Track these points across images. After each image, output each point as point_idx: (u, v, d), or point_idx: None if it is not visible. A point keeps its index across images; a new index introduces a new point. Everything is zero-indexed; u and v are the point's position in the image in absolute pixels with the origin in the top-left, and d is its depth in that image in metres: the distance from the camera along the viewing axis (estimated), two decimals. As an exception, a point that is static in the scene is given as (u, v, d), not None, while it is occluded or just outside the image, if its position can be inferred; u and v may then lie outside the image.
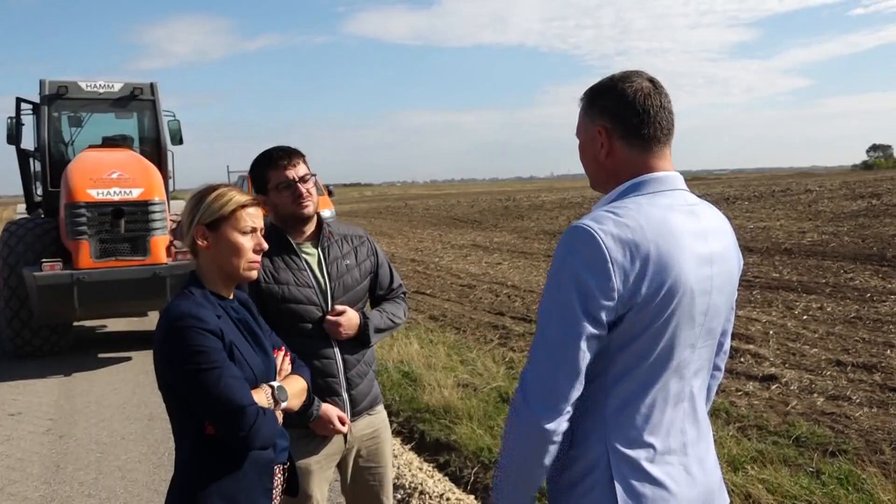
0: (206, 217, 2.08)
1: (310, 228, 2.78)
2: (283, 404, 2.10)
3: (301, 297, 2.67)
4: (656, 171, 1.70)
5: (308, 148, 2.77)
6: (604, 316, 1.53)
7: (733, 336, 7.59)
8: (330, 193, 21.48)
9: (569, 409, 1.55)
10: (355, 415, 2.79)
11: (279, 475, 2.20)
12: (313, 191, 2.74)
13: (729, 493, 3.88)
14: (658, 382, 1.63)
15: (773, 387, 6.14)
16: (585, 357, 1.54)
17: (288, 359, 2.31)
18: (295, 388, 2.21)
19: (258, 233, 2.14)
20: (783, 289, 10.44)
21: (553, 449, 1.57)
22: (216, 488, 1.98)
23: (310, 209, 2.71)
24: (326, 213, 19.50)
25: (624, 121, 1.68)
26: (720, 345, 1.89)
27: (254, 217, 2.13)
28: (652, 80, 1.72)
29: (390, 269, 3.01)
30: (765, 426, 5.15)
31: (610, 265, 1.52)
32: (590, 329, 1.53)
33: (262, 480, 2.07)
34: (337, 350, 2.73)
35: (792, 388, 6.09)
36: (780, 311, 9.02)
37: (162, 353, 1.99)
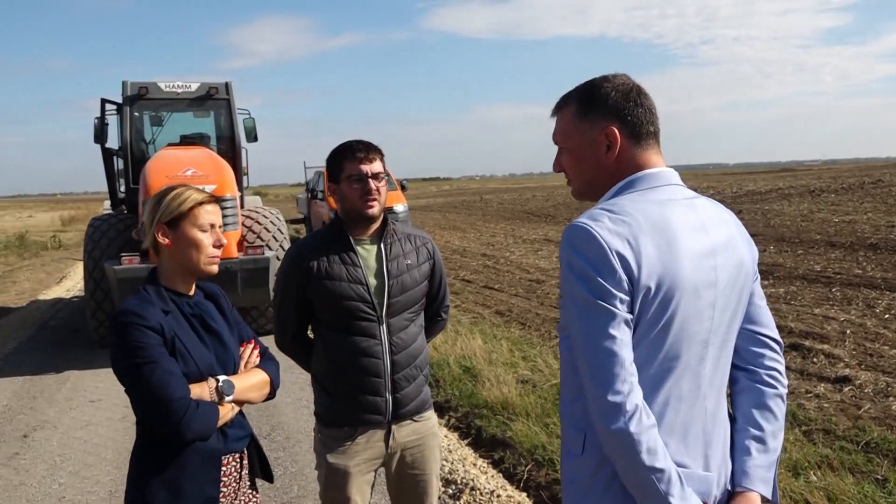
0: (165, 216, 2.18)
1: (374, 225, 2.77)
2: (229, 397, 2.17)
3: (352, 294, 2.66)
4: (651, 167, 1.69)
5: (387, 143, 2.79)
6: (622, 304, 1.52)
7: (805, 335, 7.37)
8: (403, 188, 21.68)
9: (635, 401, 1.51)
10: (398, 418, 2.75)
11: (233, 463, 2.27)
12: (383, 191, 2.72)
13: (785, 498, 3.79)
14: (668, 381, 1.60)
15: (846, 389, 5.90)
16: (624, 342, 1.52)
17: (256, 351, 2.38)
18: (250, 382, 2.27)
19: (217, 229, 2.22)
20: (865, 286, 9.98)
21: (649, 425, 1.52)
22: (160, 476, 2.09)
23: (375, 210, 2.69)
24: (399, 207, 19.69)
25: (631, 118, 1.68)
26: (761, 341, 1.78)
27: (212, 214, 2.21)
28: (632, 80, 1.73)
29: (442, 281, 2.97)
30: (833, 430, 4.96)
31: (612, 258, 1.52)
32: (615, 312, 1.51)
33: (206, 470, 2.14)
34: (387, 351, 2.70)
35: (866, 390, 5.84)
36: (859, 310, 8.63)
37: (110, 348, 2.10)
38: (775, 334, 1.82)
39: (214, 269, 2.23)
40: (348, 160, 2.69)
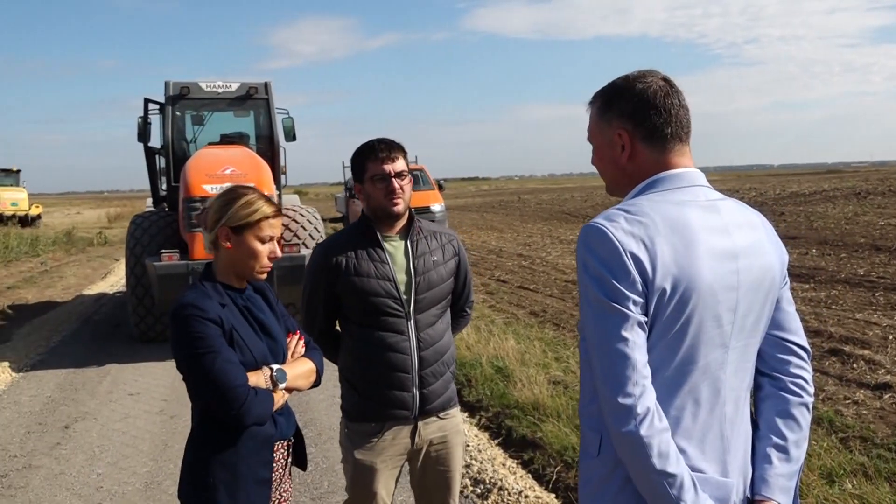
0: (232, 221, 2.26)
1: (400, 222, 2.81)
2: (282, 385, 2.28)
3: (380, 290, 2.70)
4: (674, 168, 1.67)
5: (426, 143, 2.79)
6: (635, 306, 1.52)
7: (846, 340, 7.22)
8: (440, 188, 21.71)
9: (646, 404, 1.51)
10: (425, 414, 2.78)
11: (282, 449, 2.39)
12: (407, 188, 2.75)
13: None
14: (685, 385, 1.59)
15: (886, 396, 5.76)
16: (637, 344, 1.52)
17: (302, 342, 2.48)
18: (299, 370, 2.38)
19: (274, 241, 2.31)
20: (911, 291, 9.73)
21: (661, 428, 1.52)
22: (218, 457, 2.21)
23: (399, 207, 2.73)
24: (436, 207, 19.73)
25: (645, 122, 1.66)
26: (787, 348, 1.75)
27: (274, 227, 2.30)
28: (666, 79, 1.70)
29: (467, 278, 3.00)
30: (871, 438, 4.85)
31: (626, 259, 1.52)
32: (628, 314, 1.51)
33: (261, 453, 2.27)
34: (414, 347, 2.74)
35: (907, 398, 5.70)
36: (903, 316, 8.43)
37: (171, 339, 2.21)
38: (803, 341, 1.78)
39: (263, 276, 2.35)
40: (371, 160, 2.73)
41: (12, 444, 5.65)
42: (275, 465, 2.34)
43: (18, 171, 35.96)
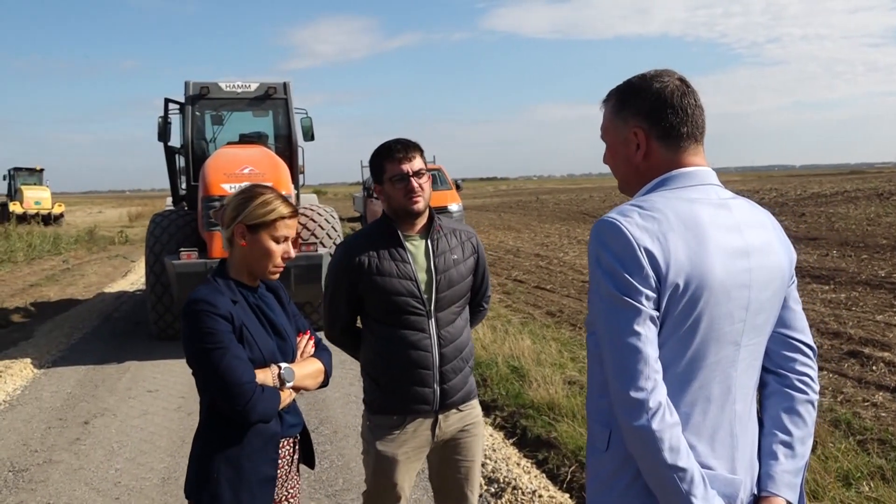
0: (248, 219, 2.29)
1: (421, 221, 2.85)
2: (289, 384, 2.30)
3: (401, 289, 2.74)
4: (687, 167, 1.68)
5: (444, 142, 2.80)
6: (647, 301, 1.53)
7: (865, 342, 7.15)
8: (458, 188, 21.71)
9: (658, 398, 1.52)
10: (445, 408, 2.83)
11: (288, 447, 2.41)
12: (426, 186, 2.79)
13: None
14: (696, 381, 1.60)
15: (906, 399, 5.71)
16: (648, 339, 1.53)
17: (312, 342, 2.51)
18: (307, 370, 2.41)
19: (289, 242, 2.34)
20: (933, 293, 9.61)
21: (672, 423, 1.52)
22: (223, 453, 2.23)
23: (420, 205, 2.77)
24: (454, 206, 19.73)
25: (661, 121, 1.67)
26: (794, 345, 1.75)
27: (289, 227, 2.33)
28: (682, 79, 1.70)
29: (485, 274, 3.04)
30: (889, 440, 4.80)
31: (640, 253, 1.53)
32: (640, 309, 1.52)
33: (266, 450, 2.29)
34: (435, 344, 2.78)
35: (927, 401, 5.64)
36: (925, 318, 8.33)
37: (182, 334, 2.24)
38: (809, 340, 1.79)
39: (276, 276, 2.37)
40: (389, 161, 2.77)
41: (33, 440, 5.74)
42: (280, 462, 2.36)
43: (42, 171, 36.44)
